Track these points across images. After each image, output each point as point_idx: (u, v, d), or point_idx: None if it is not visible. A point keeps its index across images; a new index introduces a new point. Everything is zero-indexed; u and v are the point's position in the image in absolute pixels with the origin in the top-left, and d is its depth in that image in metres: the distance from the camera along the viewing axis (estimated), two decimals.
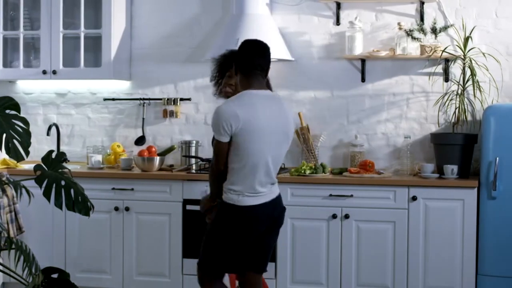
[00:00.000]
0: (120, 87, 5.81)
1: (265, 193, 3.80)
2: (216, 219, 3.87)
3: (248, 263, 3.95)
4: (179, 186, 5.17)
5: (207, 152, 5.59)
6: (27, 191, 3.24)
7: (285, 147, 3.87)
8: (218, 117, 3.70)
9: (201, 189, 4.84)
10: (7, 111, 3.67)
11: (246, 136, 3.68)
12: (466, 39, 5.10)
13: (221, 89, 4.20)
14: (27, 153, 3.61)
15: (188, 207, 5.14)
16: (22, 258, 3.10)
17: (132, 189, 5.22)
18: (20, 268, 3.63)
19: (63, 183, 3.53)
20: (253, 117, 3.68)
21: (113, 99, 5.83)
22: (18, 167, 5.54)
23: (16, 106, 3.71)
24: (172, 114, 5.73)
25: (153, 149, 5.53)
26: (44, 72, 5.62)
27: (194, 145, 5.59)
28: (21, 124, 3.67)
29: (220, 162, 3.79)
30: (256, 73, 3.80)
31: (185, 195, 5.16)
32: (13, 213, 5.15)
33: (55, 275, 3.52)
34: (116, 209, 5.24)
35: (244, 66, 3.80)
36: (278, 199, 3.89)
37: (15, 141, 3.59)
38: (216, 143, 3.78)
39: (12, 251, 3.15)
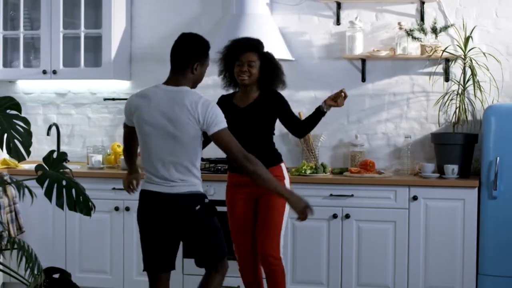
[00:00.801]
0: (120, 87, 5.81)
1: (159, 183, 3.72)
2: None
3: (153, 257, 3.86)
4: None
5: (208, 151, 5.56)
6: (30, 191, 3.24)
7: (178, 147, 3.66)
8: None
9: None
10: (8, 111, 3.68)
11: (137, 125, 3.78)
12: (467, 39, 5.10)
13: (235, 79, 4.40)
14: (28, 153, 3.61)
15: None
16: (23, 258, 3.08)
17: None
18: (22, 268, 3.64)
19: (64, 183, 3.54)
20: (142, 109, 3.71)
21: (113, 99, 5.82)
22: (18, 167, 5.54)
23: (17, 106, 3.72)
24: None
25: None
26: (44, 72, 5.62)
27: None
28: (22, 124, 3.68)
29: (124, 141, 4.06)
30: (172, 68, 3.84)
31: None
32: (13, 213, 5.15)
33: (56, 275, 3.53)
34: (117, 209, 5.24)
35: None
36: (178, 197, 3.69)
37: (16, 141, 3.59)
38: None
39: (11, 251, 3.14)
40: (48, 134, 5.74)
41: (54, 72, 5.60)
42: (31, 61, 5.81)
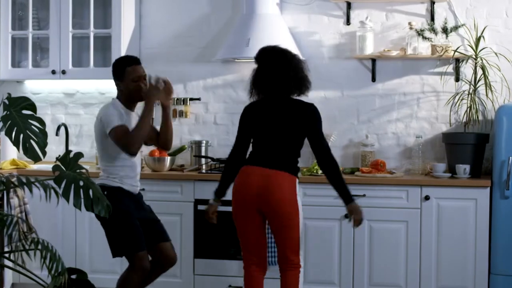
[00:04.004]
0: None
1: None
2: None
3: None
4: (191, 186, 5.16)
5: (217, 152, 5.58)
6: (56, 193, 3.22)
7: (97, 145, 4.51)
8: None
9: None
10: (23, 111, 3.67)
11: None
12: (478, 39, 5.10)
13: None
14: (44, 153, 3.60)
15: (200, 207, 5.12)
16: (47, 258, 3.07)
17: (143, 189, 5.18)
18: (35, 268, 3.64)
19: (81, 183, 3.52)
20: None
21: None
22: (27, 167, 5.52)
23: (32, 106, 3.71)
24: (181, 114, 5.73)
25: None
26: (53, 72, 5.61)
27: (204, 145, 5.58)
28: (37, 124, 3.67)
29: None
30: None
31: (197, 195, 5.15)
32: (23, 214, 5.14)
33: (73, 276, 3.52)
34: None
35: None
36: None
37: (32, 141, 3.59)
38: None
39: (35, 252, 3.13)
40: (57, 134, 5.73)
41: (63, 72, 5.59)
42: (39, 61, 5.80)
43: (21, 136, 3.56)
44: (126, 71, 4.38)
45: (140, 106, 4.47)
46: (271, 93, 4.15)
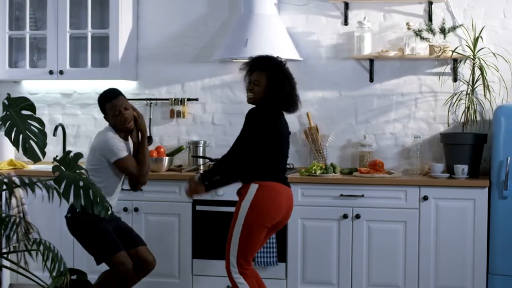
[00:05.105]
0: (126, 87, 5.78)
1: None
2: None
3: None
4: None
5: (215, 152, 5.57)
6: (59, 193, 3.20)
7: (88, 159, 4.57)
8: None
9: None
10: (23, 111, 3.66)
11: None
12: (476, 39, 5.11)
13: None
14: (43, 153, 3.59)
15: (198, 207, 5.13)
16: (49, 258, 3.06)
17: (141, 190, 5.18)
18: (37, 269, 3.63)
19: (81, 184, 3.51)
20: None
21: None
22: (25, 168, 5.51)
23: (31, 107, 3.69)
24: (179, 114, 5.72)
25: (162, 150, 5.51)
26: (51, 72, 5.59)
27: (202, 145, 5.58)
28: (37, 125, 3.66)
29: None
30: None
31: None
32: (21, 214, 5.12)
33: (73, 277, 3.51)
34: (125, 210, 5.22)
35: None
36: None
37: (31, 141, 3.57)
38: None
39: (37, 252, 3.12)
40: (54, 134, 5.71)
41: (61, 72, 5.58)
42: (36, 62, 5.78)
43: (21, 136, 3.54)
44: (106, 108, 4.51)
45: None
46: (289, 108, 4.29)
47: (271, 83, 4.20)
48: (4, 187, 3.16)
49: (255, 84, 4.22)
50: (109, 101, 4.49)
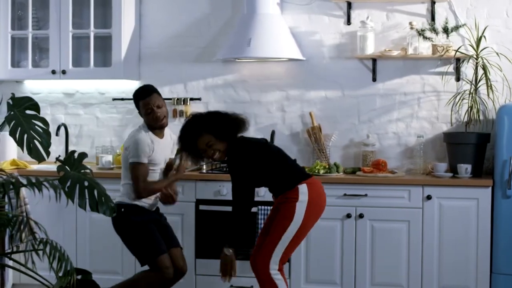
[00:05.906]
0: (129, 86, 5.78)
1: None
2: None
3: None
4: (192, 186, 5.15)
5: None
6: (66, 194, 3.20)
7: (123, 163, 4.62)
8: None
9: None
10: (27, 111, 3.66)
11: None
12: (479, 39, 5.11)
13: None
14: (48, 153, 3.60)
15: (201, 207, 5.12)
16: (55, 258, 3.06)
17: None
18: (42, 269, 3.62)
19: (86, 183, 3.51)
20: None
21: (122, 99, 5.80)
22: (28, 167, 5.50)
23: (35, 106, 3.70)
24: (181, 114, 5.72)
25: None
26: (54, 72, 5.59)
27: None
28: (41, 124, 3.67)
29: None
30: None
31: (198, 195, 5.15)
32: (24, 214, 5.12)
33: (78, 276, 3.51)
34: None
35: None
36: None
37: (36, 141, 3.58)
38: None
39: (44, 252, 3.12)
40: (57, 134, 5.71)
41: (64, 72, 5.58)
42: (38, 61, 5.78)
43: (25, 136, 3.55)
44: (140, 106, 4.55)
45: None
46: (243, 129, 4.35)
47: (217, 133, 4.21)
48: (11, 186, 3.15)
49: (208, 146, 4.21)
50: (142, 98, 4.51)
